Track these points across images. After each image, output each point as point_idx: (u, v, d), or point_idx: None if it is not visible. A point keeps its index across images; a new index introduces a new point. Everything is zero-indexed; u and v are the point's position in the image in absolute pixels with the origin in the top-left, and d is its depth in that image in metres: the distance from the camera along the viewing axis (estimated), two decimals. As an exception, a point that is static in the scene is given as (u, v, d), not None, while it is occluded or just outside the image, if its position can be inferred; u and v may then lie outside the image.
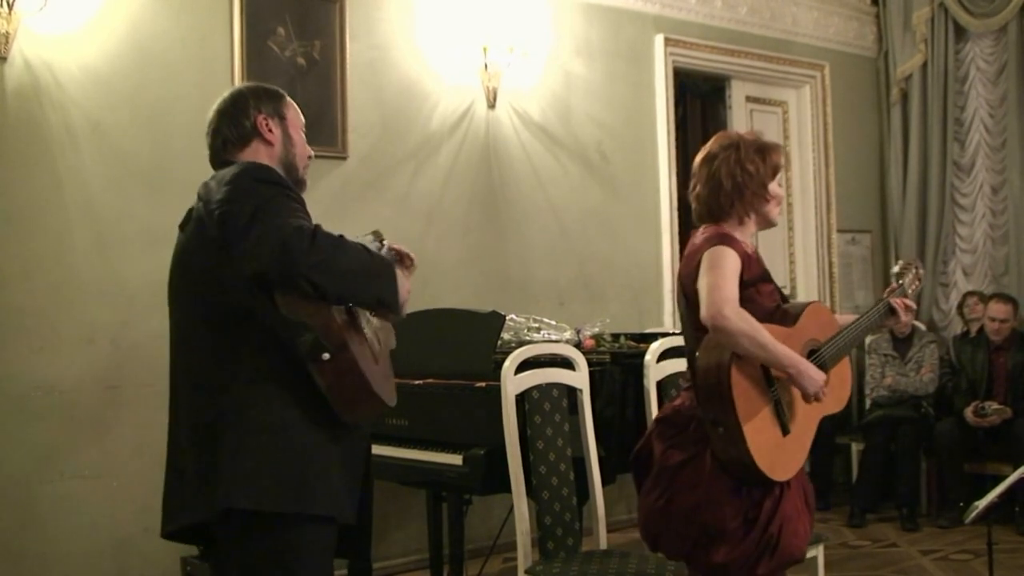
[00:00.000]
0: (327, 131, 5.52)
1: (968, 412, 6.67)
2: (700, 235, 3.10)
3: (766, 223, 3.17)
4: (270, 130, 2.67)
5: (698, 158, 3.18)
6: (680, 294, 3.11)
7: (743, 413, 2.86)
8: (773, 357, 2.88)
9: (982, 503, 3.74)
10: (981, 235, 8.03)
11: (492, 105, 6.18)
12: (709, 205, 3.11)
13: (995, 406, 6.61)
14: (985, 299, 7.15)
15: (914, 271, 3.43)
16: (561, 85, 6.56)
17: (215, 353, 2.50)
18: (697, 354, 2.98)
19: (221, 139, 2.68)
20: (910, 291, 3.39)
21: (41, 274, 4.77)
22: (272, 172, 2.55)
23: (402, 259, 2.76)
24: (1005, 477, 3.92)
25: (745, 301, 2.93)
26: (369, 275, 2.45)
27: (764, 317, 2.97)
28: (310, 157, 2.81)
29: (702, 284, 2.93)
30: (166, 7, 5.11)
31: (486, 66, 6.07)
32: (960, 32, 8.05)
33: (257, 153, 2.65)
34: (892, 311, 3.33)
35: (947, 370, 7.12)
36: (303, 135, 2.78)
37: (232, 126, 2.67)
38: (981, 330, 7.01)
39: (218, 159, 2.67)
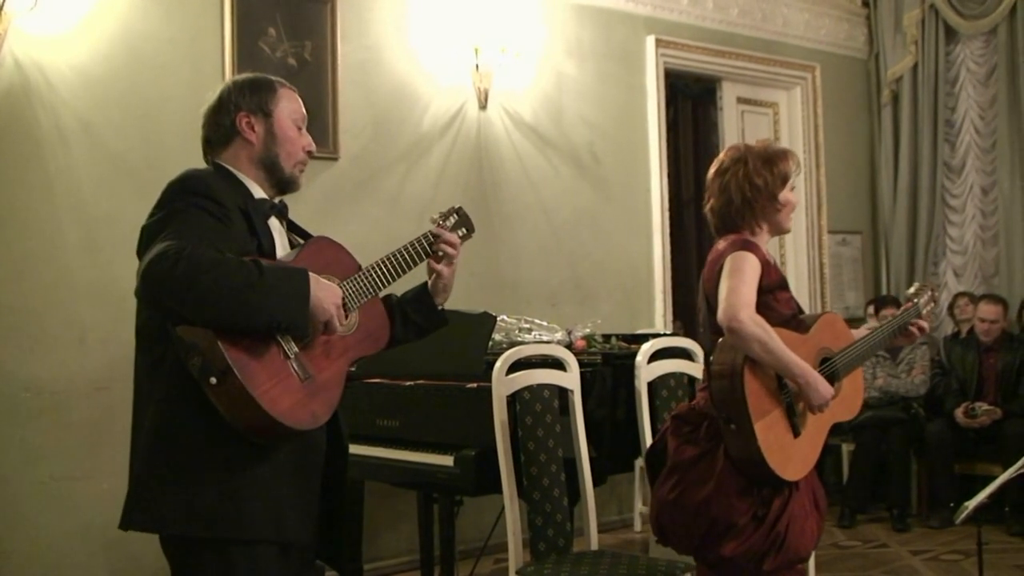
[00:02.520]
0: (318, 132, 5.49)
1: (958, 413, 6.69)
2: (723, 242, 3.17)
3: (779, 230, 3.27)
4: (251, 128, 2.57)
5: (710, 171, 3.27)
6: (702, 298, 3.19)
7: (755, 412, 2.93)
8: (784, 365, 2.95)
9: (972, 503, 3.75)
10: (971, 236, 8.06)
11: (484, 106, 6.18)
12: (722, 218, 3.21)
13: (985, 407, 6.62)
14: (975, 300, 7.18)
15: (929, 293, 3.53)
16: (552, 86, 6.56)
17: (143, 367, 2.47)
18: (712, 356, 3.04)
19: (205, 139, 2.62)
20: (924, 312, 3.48)
21: (32, 274, 4.76)
22: (193, 182, 2.44)
23: (442, 248, 2.77)
24: (995, 478, 3.93)
25: (762, 307, 3.01)
26: (243, 299, 2.24)
27: (779, 324, 3.05)
28: (309, 152, 2.67)
29: (722, 287, 3.01)
30: (157, 7, 5.11)
31: (477, 67, 6.07)
32: (951, 34, 8.08)
33: (238, 154, 2.58)
34: (905, 331, 3.41)
35: (937, 371, 7.14)
36: (299, 129, 2.65)
37: (213, 127, 2.60)
38: (971, 331, 7.03)
39: (205, 160, 2.63)
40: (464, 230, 2.97)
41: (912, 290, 3.54)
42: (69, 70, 4.86)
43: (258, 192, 2.58)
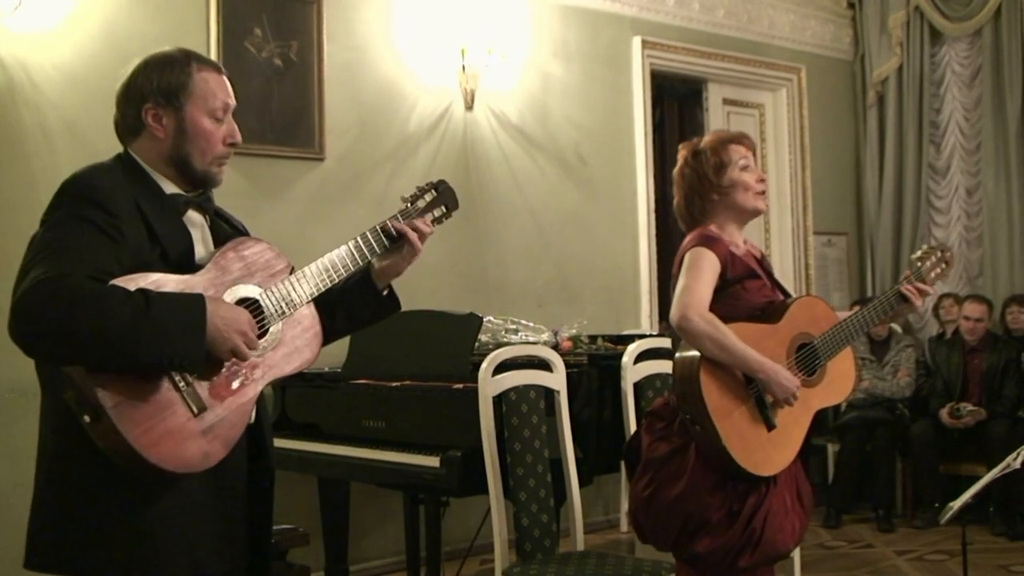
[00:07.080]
0: (304, 132, 5.50)
1: (943, 413, 6.71)
2: (688, 237, 3.14)
3: (743, 212, 3.15)
4: (159, 123, 2.32)
5: None
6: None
7: (717, 411, 2.88)
8: (740, 360, 2.91)
9: (957, 504, 3.76)
10: (956, 237, 8.09)
11: (470, 107, 6.17)
12: (680, 212, 3.23)
13: (970, 407, 6.64)
14: (960, 301, 7.21)
15: (938, 255, 3.28)
16: (539, 87, 6.56)
17: (46, 401, 2.27)
18: (674, 357, 3.02)
19: (115, 123, 2.43)
20: (932, 276, 3.25)
21: (14, 275, 4.71)
22: (82, 187, 2.25)
23: (408, 238, 2.51)
24: (979, 478, 3.94)
25: (730, 298, 2.99)
26: (127, 338, 2.00)
27: (750, 313, 3.01)
28: (231, 144, 2.38)
29: (677, 286, 2.99)
30: (142, 7, 5.09)
31: (464, 68, 6.07)
32: (936, 35, 8.11)
33: (146, 147, 2.35)
34: (904, 299, 3.21)
35: (922, 371, 7.16)
36: (219, 120, 2.36)
37: (123, 114, 2.39)
38: (956, 331, 7.06)
39: (122, 143, 2.43)
40: (444, 208, 2.70)
41: (918, 254, 3.29)
42: (53, 69, 4.83)
43: (170, 188, 2.35)
